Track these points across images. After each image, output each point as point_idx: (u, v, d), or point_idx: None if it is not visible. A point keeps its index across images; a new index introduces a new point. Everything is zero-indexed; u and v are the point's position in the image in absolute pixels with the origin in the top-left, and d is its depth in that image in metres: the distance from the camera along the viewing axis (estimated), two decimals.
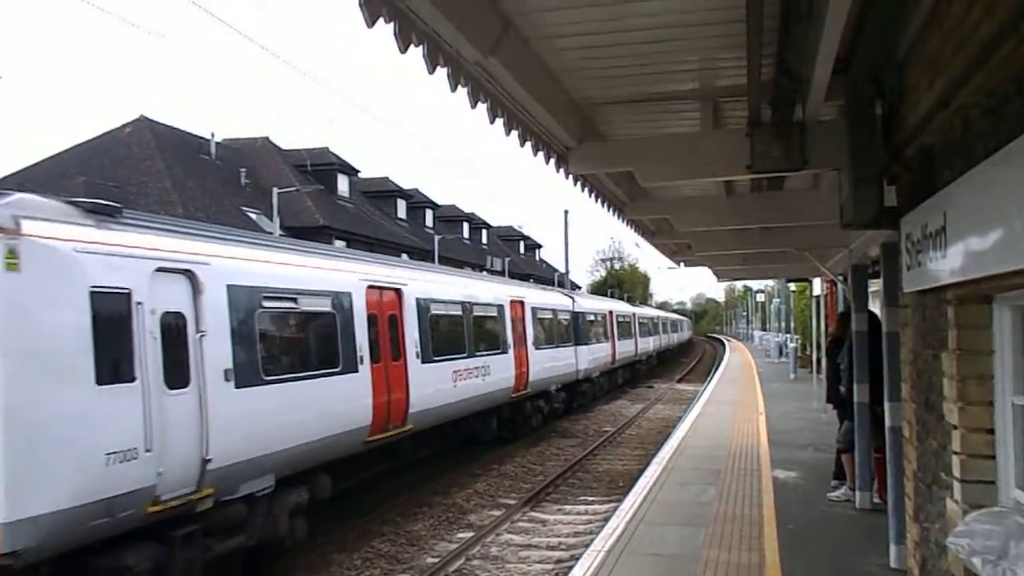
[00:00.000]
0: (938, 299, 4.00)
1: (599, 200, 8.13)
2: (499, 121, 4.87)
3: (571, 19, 4.28)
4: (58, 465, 5.36)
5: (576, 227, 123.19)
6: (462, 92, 4.29)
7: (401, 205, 43.49)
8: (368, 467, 10.99)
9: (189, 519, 6.59)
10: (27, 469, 5.18)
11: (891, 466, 6.71)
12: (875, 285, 9.70)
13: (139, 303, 6.19)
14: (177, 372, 6.55)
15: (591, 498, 13.15)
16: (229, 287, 7.34)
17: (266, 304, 7.93)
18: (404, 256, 38.60)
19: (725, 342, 75.42)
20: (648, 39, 4.57)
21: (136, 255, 6.33)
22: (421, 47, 3.71)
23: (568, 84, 5.31)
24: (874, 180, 4.72)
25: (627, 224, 10.09)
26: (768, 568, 6.97)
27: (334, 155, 37.38)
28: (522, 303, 17.46)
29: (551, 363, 18.93)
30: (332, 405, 8.94)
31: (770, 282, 52.90)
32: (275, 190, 25.40)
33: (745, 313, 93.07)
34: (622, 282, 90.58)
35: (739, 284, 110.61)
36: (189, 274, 6.89)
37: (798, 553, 7.42)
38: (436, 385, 11.99)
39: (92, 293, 5.77)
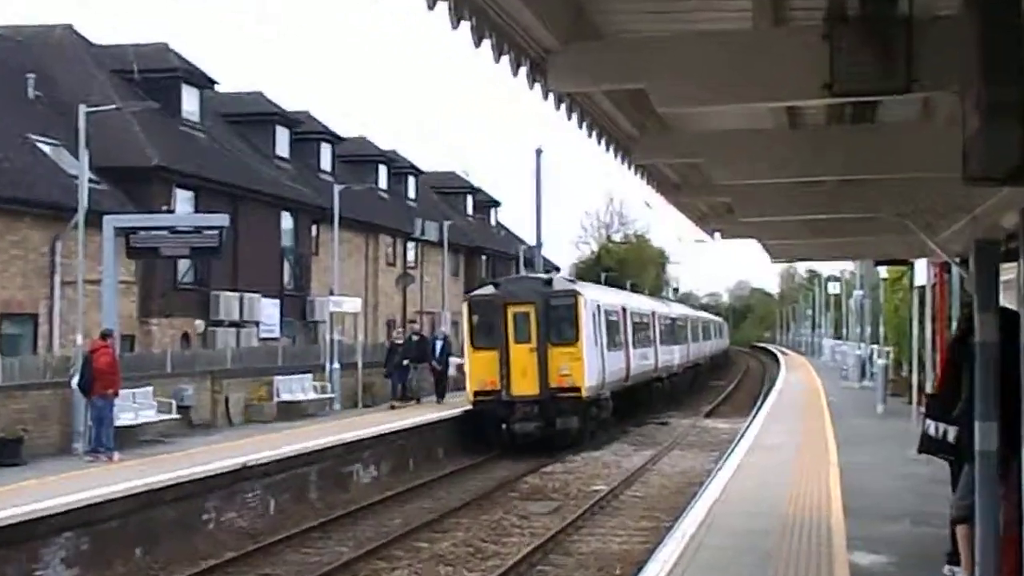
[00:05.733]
0: None
1: (592, 133, 8.07)
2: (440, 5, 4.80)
3: None
4: (592, 371, 28.12)
5: (554, 179, 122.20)
6: None
7: (282, 136, 43.11)
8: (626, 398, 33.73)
9: (601, 400, 30.07)
10: (588, 371, 27.58)
11: None
12: (1010, 272, 9.83)
13: (596, 315, 29.76)
14: (600, 338, 30.20)
15: None
16: (599, 305, 30.99)
17: (607, 315, 32.14)
18: (286, 215, 38.61)
19: (779, 355, 76.33)
20: None
21: (591, 298, 30.03)
22: None
23: None
24: (1018, 108, 4.73)
25: (635, 172, 10.08)
26: None
27: (176, 56, 36.87)
28: (657, 313, 43.76)
29: (671, 355, 44.70)
30: (619, 363, 32.47)
31: (849, 266, 53.61)
32: (82, 108, 24.86)
33: (810, 312, 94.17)
34: (624, 261, 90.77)
35: (802, 268, 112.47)
36: (597, 303, 30.79)
37: None
38: (637, 361, 35.05)
39: (592, 312, 29.17)
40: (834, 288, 70.88)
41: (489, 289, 28.84)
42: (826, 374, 48.16)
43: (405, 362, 30.21)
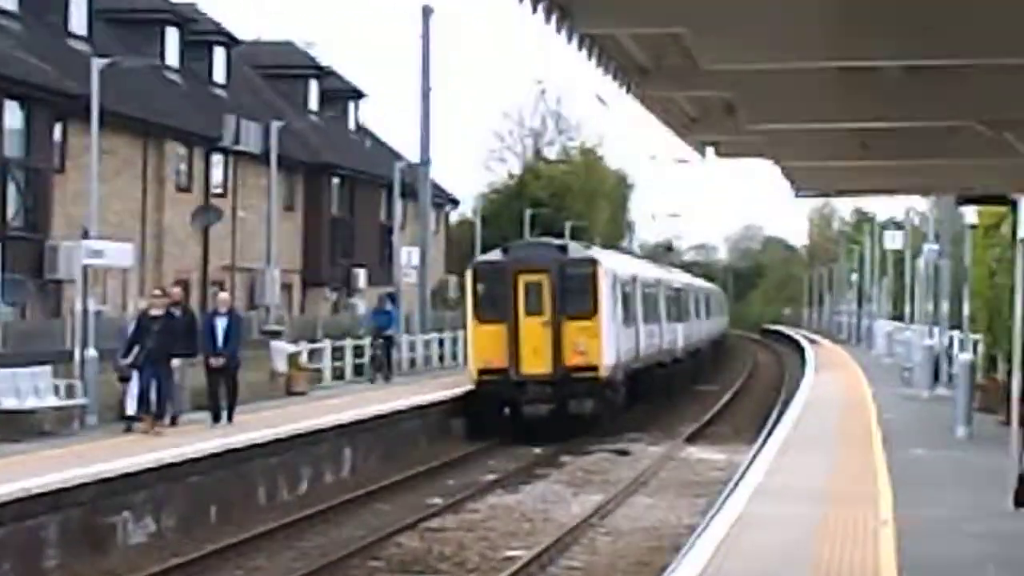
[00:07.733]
0: None
1: None
2: None
3: None
4: (610, 349, 43.79)
5: (451, 63, 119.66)
6: None
7: None
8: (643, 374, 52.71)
9: (616, 382, 45.99)
10: (606, 348, 42.48)
11: None
12: None
13: (613, 286, 45.68)
14: (617, 312, 47.59)
15: None
16: (615, 274, 47.69)
17: (623, 285, 49.34)
18: (12, 105, 38.14)
19: (805, 345, 77.35)
20: None
21: (608, 266, 46.50)
22: None
23: None
24: None
25: (580, 48, 10.09)
26: None
27: None
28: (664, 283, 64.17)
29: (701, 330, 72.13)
30: (631, 342, 49.74)
31: (919, 205, 54.46)
32: None
33: (855, 275, 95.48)
34: (564, 193, 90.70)
35: (844, 207, 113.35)
36: (614, 273, 47.50)
37: None
38: (646, 340, 53.00)
39: (610, 283, 45.52)
40: (894, 241, 71.59)
41: (496, 254, 40.26)
42: (879, 375, 49.00)
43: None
